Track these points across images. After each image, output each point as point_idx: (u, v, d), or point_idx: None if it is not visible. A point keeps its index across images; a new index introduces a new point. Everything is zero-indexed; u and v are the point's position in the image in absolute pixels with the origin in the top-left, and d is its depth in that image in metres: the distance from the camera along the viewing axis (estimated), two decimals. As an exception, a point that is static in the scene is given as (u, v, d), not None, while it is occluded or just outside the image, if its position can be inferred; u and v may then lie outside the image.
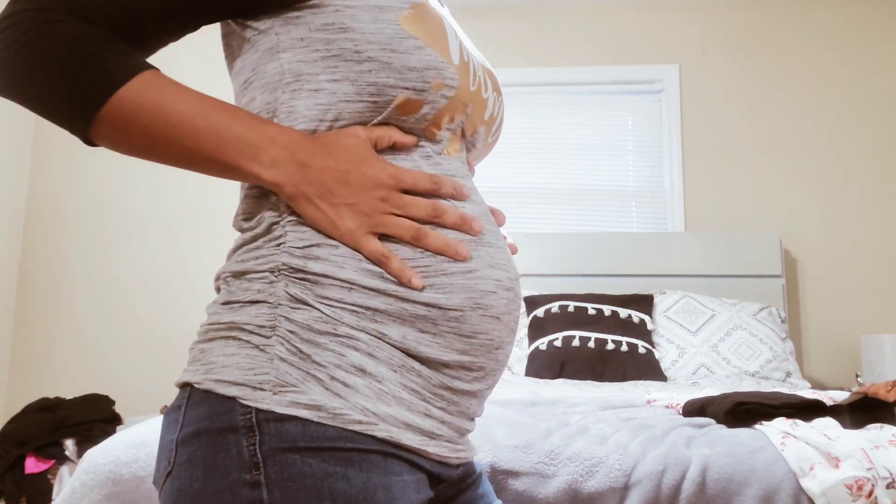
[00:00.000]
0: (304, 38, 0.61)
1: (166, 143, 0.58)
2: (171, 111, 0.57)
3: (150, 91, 0.57)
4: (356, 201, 0.59)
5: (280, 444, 0.54)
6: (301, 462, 0.53)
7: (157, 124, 0.57)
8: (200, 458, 0.55)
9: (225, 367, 0.57)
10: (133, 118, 0.57)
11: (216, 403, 0.56)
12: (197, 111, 0.58)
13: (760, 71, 3.38)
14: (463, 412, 0.64)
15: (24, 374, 3.44)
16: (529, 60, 3.52)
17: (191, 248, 3.49)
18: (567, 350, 2.59)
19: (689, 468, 1.06)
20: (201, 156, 0.58)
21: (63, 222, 3.55)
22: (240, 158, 0.58)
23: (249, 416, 0.55)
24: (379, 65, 0.60)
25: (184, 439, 0.56)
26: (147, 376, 3.38)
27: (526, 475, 1.07)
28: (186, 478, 0.55)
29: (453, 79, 0.63)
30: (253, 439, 0.54)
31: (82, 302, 3.47)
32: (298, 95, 0.62)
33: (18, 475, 2.71)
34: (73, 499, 1.09)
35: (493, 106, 0.72)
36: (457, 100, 0.64)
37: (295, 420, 0.54)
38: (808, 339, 3.16)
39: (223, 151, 0.58)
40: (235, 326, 0.59)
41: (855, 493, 0.98)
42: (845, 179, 3.25)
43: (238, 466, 0.53)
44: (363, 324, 0.58)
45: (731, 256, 3.09)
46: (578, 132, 3.48)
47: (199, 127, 0.57)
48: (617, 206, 3.41)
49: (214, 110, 0.58)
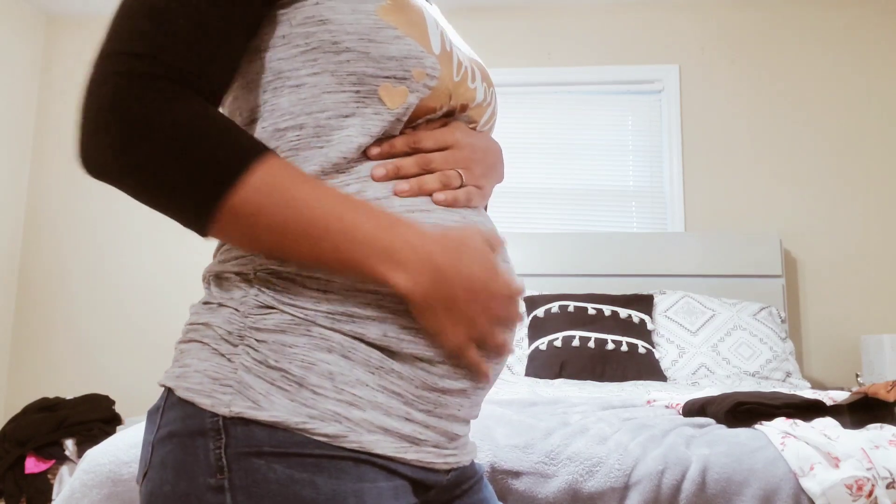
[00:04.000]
0: (286, 35, 0.61)
1: (292, 241, 0.54)
2: (297, 207, 0.54)
3: (273, 183, 0.53)
4: (475, 317, 0.58)
5: (245, 448, 0.53)
6: (266, 467, 0.52)
7: (282, 223, 0.54)
8: (171, 460, 0.54)
9: (196, 373, 0.57)
10: (256, 214, 0.53)
11: (189, 405, 0.56)
12: (323, 205, 0.54)
13: (760, 71, 3.38)
14: (452, 415, 0.62)
15: (24, 374, 3.44)
16: (529, 60, 3.52)
17: (191, 249, 3.49)
18: (567, 350, 2.58)
19: (689, 468, 1.06)
20: (329, 257, 0.55)
21: (63, 223, 3.55)
22: (374, 263, 0.55)
23: (216, 419, 0.54)
24: (357, 55, 0.59)
25: (158, 441, 0.56)
26: (147, 376, 3.38)
27: (526, 475, 1.07)
28: (158, 480, 0.55)
29: (434, 68, 0.62)
30: (219, 443, 0.53)
31: (82, 302, 3.47)
32: (280, 93, 0.61)
33: (18, 475, 2.71)
34: (73, 499, 1.09)
35: (485, 96, 0.72)
36: (440, 90, 0.64)
37: (260, 424, 0.53)
38: (808, 339, 3.16)
39: (355, 253, 0.55)
40: (209, 327, 0.58)
41: (855, 493, 0.98)
42: (845, 179, 3.25)
43: (204, 470, 0.53)
44: (339, 325, 0.57)
45: (731, 256, 3.09)
46: (578, 132, 3.48)
47: (328, 225, 0.54)
48: (617, 206, 3.41)
49: (342, 202, 0.55)
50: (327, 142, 0.60)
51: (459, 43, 0.72)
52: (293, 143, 0.60)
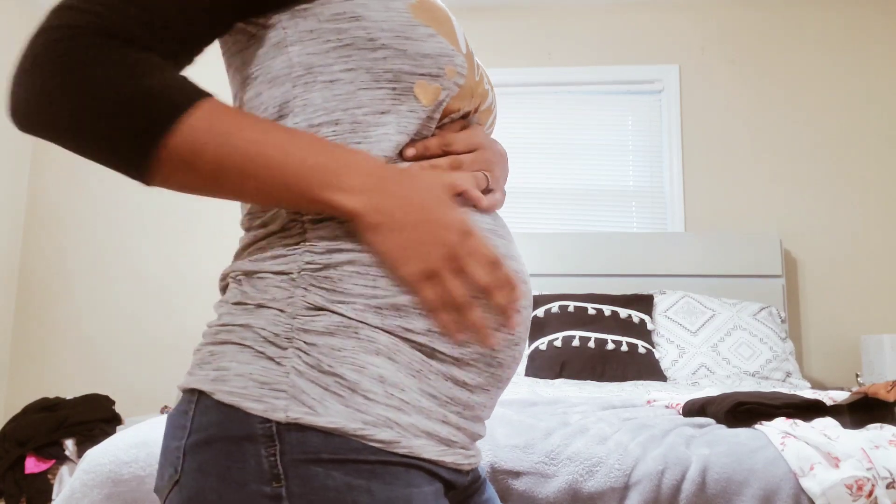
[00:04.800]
0: (314, 30, 0.60)
1: (238, 178, 0.53)
2: (238, 144, 0.52)
3: (212, 123, 0.52)
4: (427, 244, 0.55)
5: (302, 456, 0.51)
6: (324, 475, 0.51)
7: (224, 161, 0.52)
8: (213, 467, 0.52)
9: (239, 377, 0.54)
10: (197, 155, 0.52)
11: (230, 410, 0.53)
12: (266, 139, 0.53)
13: (760, 71, 3.38)
14: (477, 416, 0.62)
15: (24, 374, 3.44)
16: (529, 60, 3.52)
17: (190, 248, 3.49)
18: (567, 350, 2.58)
19: (689, 468, 1.06)
20: (276, 188, 0.54)
21: (63, 222, 3.55)
22: (320, 188, 0.54)
23: (269, 424, 0.52)
24: (394, 52, 0.59)
25: (193, 447, 0.54)
26: (147, 376, 3.38)
27: (526, 475, 1.07)
28: (197, 488, 0.52)
29: (463, 66, 0.63)
30: (273, 449, 0.51)
31: (82, 302, 3.47)
32: (312, 88, 0.60)
33: (19, 475, 2.71)
34: (74, 499, 1.09)
35: (491, 98, 0.73)
36: (466, 88, 0.65)
37: (316, 430, 0.52)
38: (809, 340, 3.16)
39: (301, 181, 0.53)
40: (250, 329, 0.56)
41: (855, 493, 0.98)
42: (846, 179, 3.25)
43: (257, 477, 0.51)
44: (387, 322, 0.56)
45: (731, 256, 3.09)
46: (578, 132, 3.48)
47: (271, 158, 0.53)
48: (617, 206, 3.41)
49: (285, 136, 0.54)
50: (365, 138, 0.60)
51: None
52: (329, 139, 0.59)
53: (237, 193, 0.55)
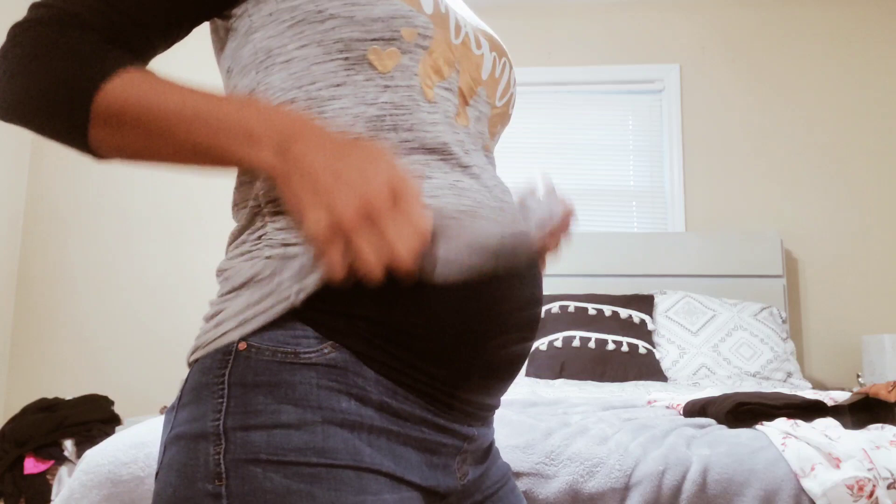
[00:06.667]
0: (273, 13, 0.60)
1: (159, 136, 0.53)
2: (157, 102, 0.53)
3: (135, 84, 0.54)
4: (337, 197, 0.49)
5: (244, 455, 0.51)
6: (263, 476, 0.50)
7: (146, 118, 0.53)
8: (176, 463, 0.53)
9: (235, 315, 0.57)
10: (122, 113, 0.53)
11: (195, 408, 0.54)
12: (183, 100, 0.53)
13: (761, 71, 3.38)
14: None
15: (23, 374, 3.44)
16: (529, 60, 3.52)
17: (190, 248, 3.48)
18: (567, 350, 2.58)
19: (690, 468, 1.06)
20: (193, 146, 0.53)
21: (62, 222, 3.55)
22: (231, 143, 0.53)
23: (218, 422, 0.52)
24: (342, 20, 0.58)
25: (168, 442, 0.55)
26: (146, 376, 3.38)
27: (526, 475, 1.07)
28: (163, 482, 0.54)
29: (426, 27, 0.60)
30: (219, 448, 0.52)
31: (81, 302, 3.47)
32: (271, 71, 0.60)
33: (17, 475, 2.71)
34: (73, 499, 1.09)
35: (495, 66, 0.69)
36: (437, 52, 0.62)
37: (260, 429, 0.51)
38: (809, 340, 3.16)
39: (214, 137, 0.53)
40: (244, 284, 0.58)
41: (856, 494, 0.97)
42: (846, 179, 3.25)
43: (204, 475, 0.51)
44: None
45: (732, 256, 3.08)
46: (578, 132, 3.48)
47: (187, 116, 0.53)
48: (617, 206, 3.41)
49: (201, 97, 0.54)
50: (320, 114, 0.59)
51: (465, 12, 0.70)
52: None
53: (163, 156, 0.55)
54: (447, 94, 0.63)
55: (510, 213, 0.65)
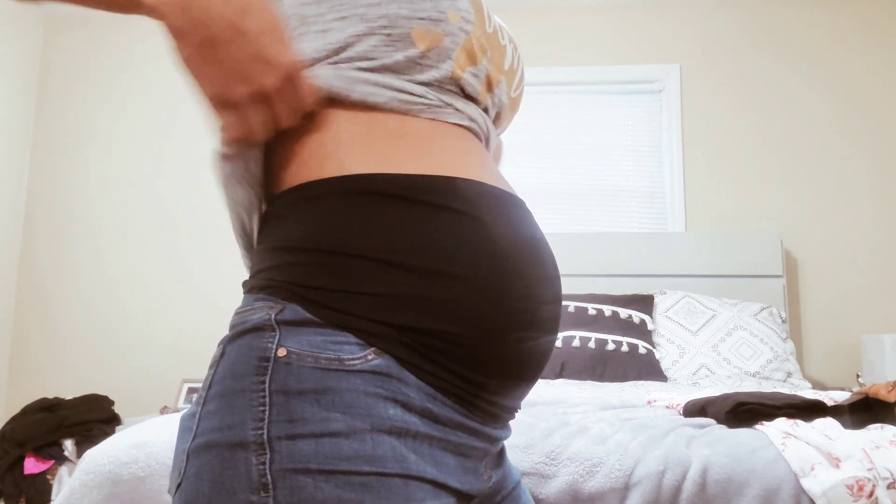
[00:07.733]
0: None
1: None
2: None
3: None
4: (235, 70, 0.50)
5: (291, 465, 0.50)
6: (313, 486, 0.49)
7: None
8: (208, 472, 0.51)
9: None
10: None
11: (228, 415, 0.52)
12: None
13: (760, 71, 3.38)
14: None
15: (23, 374, 3.44)
16: (530, 60, 3.52)
17: (190, 249, 3.48)
18: (567, 350, 2.58)
19: (690, 468, 1.06)
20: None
21: (62, 222, 3.55)
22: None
23: (261, 431, 0.51)
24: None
25: (194, 450, 0.53)
26: (146, 376, 3.38)
27: (526, 475, 1.07)
28: (193, 492, 0.52)
29: (468, 11, 0.61)
30: (263, 458, 0.50)
31: (82, 302, 3.47)
32: (305, 38, 0.59)
33: (18, 475, 2.71)
34: (73, 499, 1.09)
35: (512, 57, 0.70)
36: (475, 37, 0.62)
37: (308, 438, 0.50)
38: (809, 340, 3.16)
39: None
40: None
41: (856, 494, 0.97)
42: (846, 179, 3.25)
43: (245, 486, 0.50)
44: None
45: (732, 256, 3.08)
46: (578, 132, 3.48)
47: None
48: (617, 206, 3.41)
49: None
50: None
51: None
52: None
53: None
54: (475, 80, 0.64)
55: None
